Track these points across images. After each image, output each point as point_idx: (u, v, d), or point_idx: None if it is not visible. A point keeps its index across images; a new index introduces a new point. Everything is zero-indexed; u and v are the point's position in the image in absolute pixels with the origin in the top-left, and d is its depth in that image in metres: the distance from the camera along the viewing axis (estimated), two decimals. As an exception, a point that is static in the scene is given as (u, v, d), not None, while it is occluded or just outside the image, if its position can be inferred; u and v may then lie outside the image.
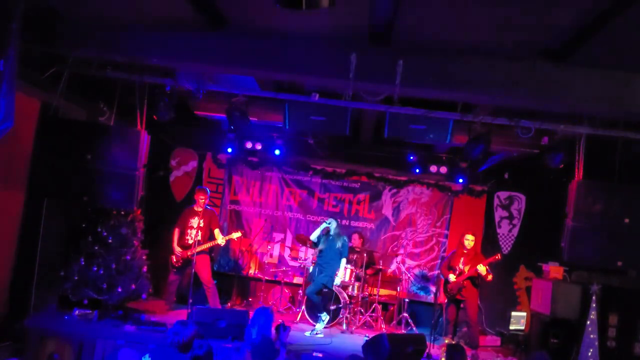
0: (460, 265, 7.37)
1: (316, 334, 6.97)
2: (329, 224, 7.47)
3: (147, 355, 4.43)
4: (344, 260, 7.44)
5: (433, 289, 8.69)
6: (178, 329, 4.34)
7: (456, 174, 8.58)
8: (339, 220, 7.83)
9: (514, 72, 5.09)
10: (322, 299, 7.36)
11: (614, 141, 5.89)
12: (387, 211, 9.15)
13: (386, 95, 5.55)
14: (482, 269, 7.10)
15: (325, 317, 7.20)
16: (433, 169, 8.45)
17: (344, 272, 7.52)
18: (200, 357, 4.33)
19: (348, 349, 6.41)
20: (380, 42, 5.05)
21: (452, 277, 7.38)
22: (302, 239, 8.55)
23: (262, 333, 4.78)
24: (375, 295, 8.28)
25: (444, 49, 5.10)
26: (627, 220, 5.61)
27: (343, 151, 8.91)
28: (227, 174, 9.35)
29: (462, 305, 7.48)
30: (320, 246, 7.51)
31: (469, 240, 7.42)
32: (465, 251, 7.44)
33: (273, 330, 4.82)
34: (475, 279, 7.32)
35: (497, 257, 7.22)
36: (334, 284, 7.38)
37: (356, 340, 6.95)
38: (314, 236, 7.63)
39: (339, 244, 7.38)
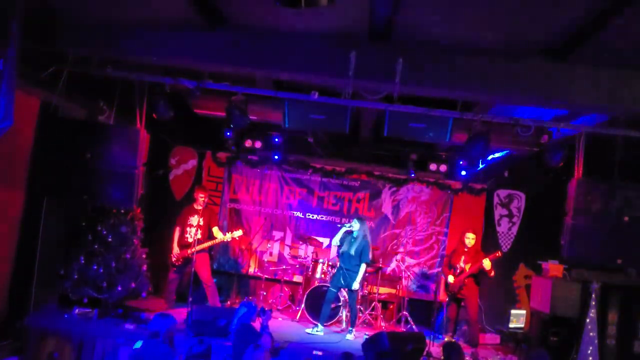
0: (461, 264, 7.38)
1: (316, 332, 6.98)
2: (350, 226, 7.19)
3: (140, 342, 4.46)
4: (363, 266, 7.12)
5: (433, 287, 8.68)
6: (157, 321, 4.40)
7: (456, 172, 8.57)
8: (365, 220, 7.44)
9: (514, 70, 5.09)
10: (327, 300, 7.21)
11: (614, 139, 5.89)
12: (387, 209, 9.15)
13: (386, 93, 5.54)
14: (487, 263, 7.11)
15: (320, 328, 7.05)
16: (433, 167, 8.43)
17: (360, 277, 7.12)
18: (199, 354, 4.37)
19: (347, 347, 6.42)
20: (380, 40, 5.05)
21: (450, 279, 7.40)
22: (303, 237, 8.55)
23: (241, 322, 5.40)
24: (375, 293, 8.28)
25: (444, 47, 5.09)
26: (626, 219, 5.61)
27: (343, 149, 8.90)
28: (226, 172, 9.35)
29: (462, 304, 7.49)
30: (343, 247, 7.22)
31: (470, 239, 7.44)
32: (466, 249, 7.45)
33: (255, 317, 5.45)
34: (477, 276, 7.34)
35: (497, 254, 7.23)
36: (352, 287, 7.12)
37: (356, 338, 6.95)
38: (335, 241, 7.38)
39: (359, 246, 7.07)
